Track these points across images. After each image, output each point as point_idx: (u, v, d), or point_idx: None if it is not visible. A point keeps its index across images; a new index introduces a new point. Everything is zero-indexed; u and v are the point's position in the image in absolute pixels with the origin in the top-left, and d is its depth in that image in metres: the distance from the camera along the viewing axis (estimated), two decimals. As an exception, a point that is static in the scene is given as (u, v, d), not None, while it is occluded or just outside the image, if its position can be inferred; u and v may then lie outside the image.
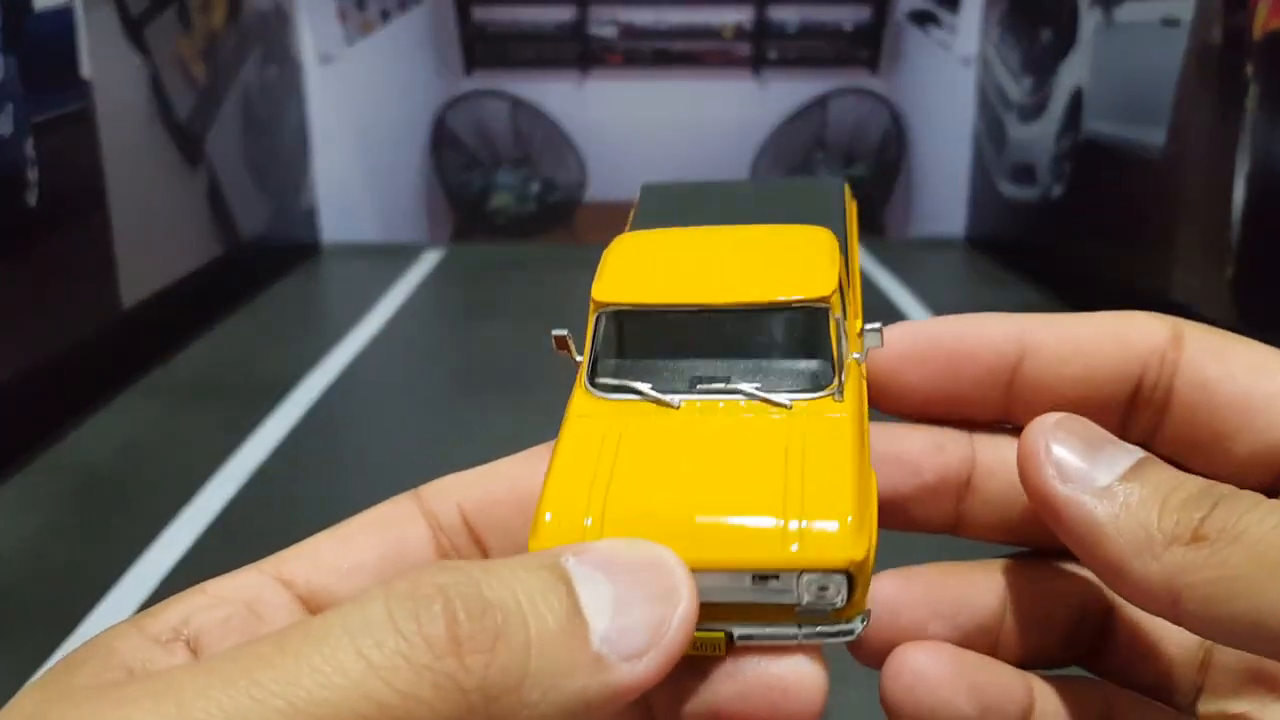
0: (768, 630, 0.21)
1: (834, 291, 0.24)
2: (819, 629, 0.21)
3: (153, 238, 2.48)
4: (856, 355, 0.25)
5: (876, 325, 0.25)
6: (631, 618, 0.18)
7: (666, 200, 0.31)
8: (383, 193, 3.71)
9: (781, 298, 0.24)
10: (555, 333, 0.25)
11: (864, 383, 0.25)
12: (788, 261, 0.25)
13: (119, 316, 2.29)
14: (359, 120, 3.61)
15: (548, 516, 0.21)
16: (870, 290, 2.92)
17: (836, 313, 0.25)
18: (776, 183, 0.32)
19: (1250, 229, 2.04)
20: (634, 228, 0.29)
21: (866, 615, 0.21)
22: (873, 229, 3.60)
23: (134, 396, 2.23)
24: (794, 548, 0.20)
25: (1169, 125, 2.39)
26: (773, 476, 0.21)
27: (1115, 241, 2.68)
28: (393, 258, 3.51)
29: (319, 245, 3.66)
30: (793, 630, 0.21)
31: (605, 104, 3.63)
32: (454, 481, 0.26)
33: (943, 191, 3.75)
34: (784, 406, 0.24)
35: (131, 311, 2.34)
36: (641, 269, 0.25)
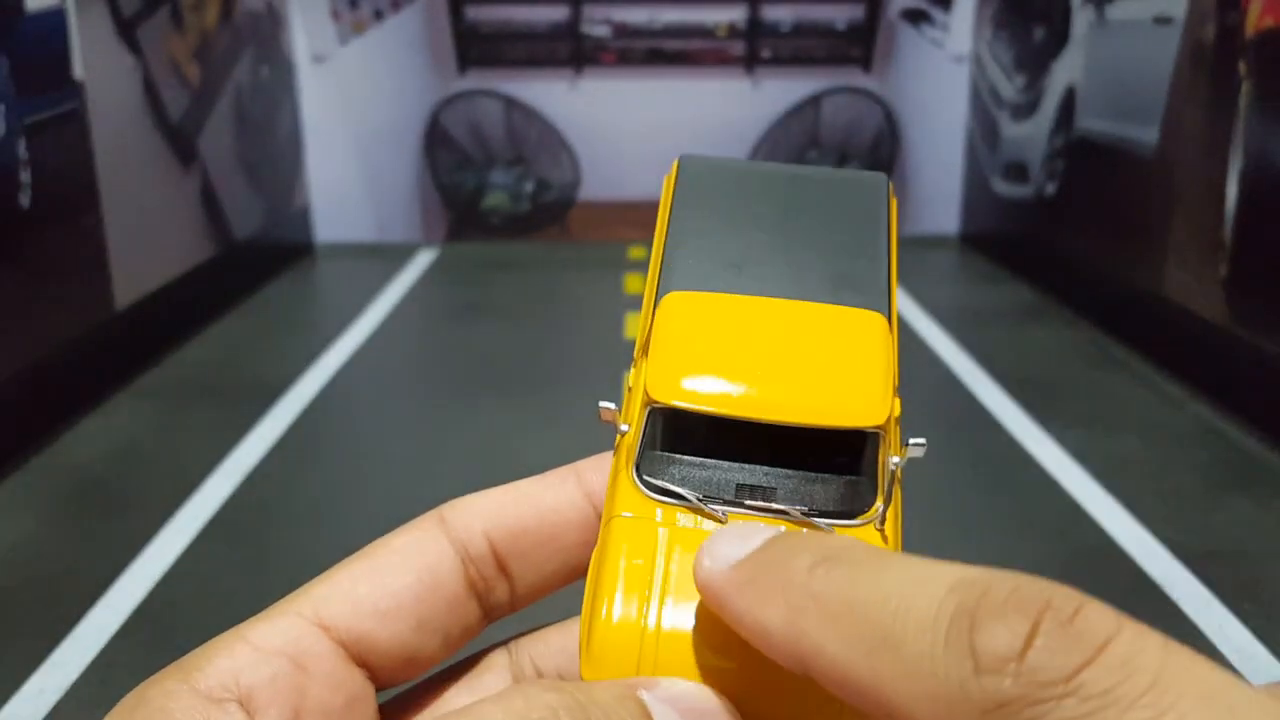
0: None
1: (888, 419, 0.24)
2: None
3: (146, 238, 2.48)
4: (896, 461, 0.24)
5: (921, 441, 0.24)
6: None
7: (708, 183, 0.30)
8: (376, 192, 3.73)
9: (837, 423, 0.24)
10: (603, 406, 0.25)
11: (900, 495, 0.25)
12: (845, 372, 0.25)
13: (112, 317, 2.29)
14: (352, 120, 3.63)
15: (608, 624, 0.22)
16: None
17: (890, 437, 0.24)
18: (819, 174, 0.31)
19: (1243, 227, 2.05)
20: (675, 211, 0.29)
21: None
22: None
23: (127, 398, 2.22)
24: None
25: (1161, 123, 2.40)
26: None
27: (1108, 239, 2.68)
28: (386, 257, 3.52)
29: (313, 245, 3.67)
30: None
31: (599, 103, 3.64)
32: (479, 505, 0.25)
33: (936, 189, 3.77)
34: (826, 532, 0.23)
35: (125, 312, 2.34)
36: (695, 359, 0.25)
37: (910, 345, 2.61)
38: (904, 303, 2.93)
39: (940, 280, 3.30)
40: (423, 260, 3.52)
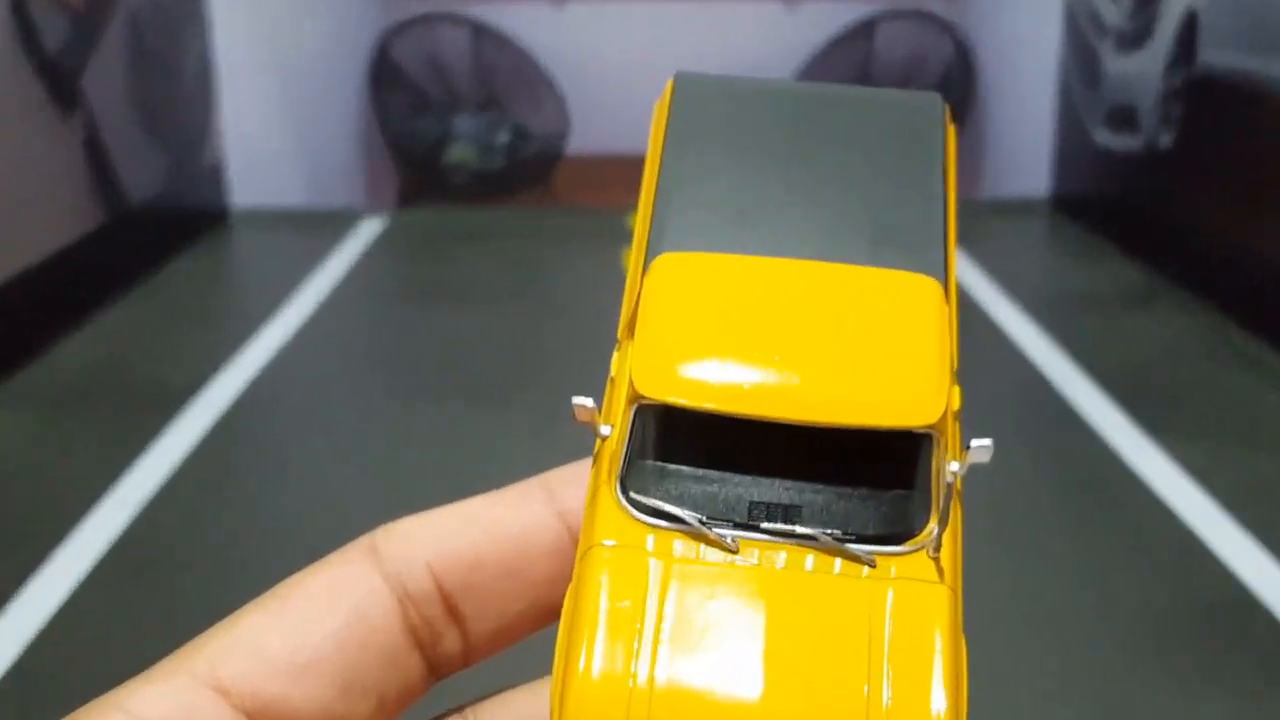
0: None
1: (944, 415, 0.24)
2: None
3: (14, 203, 2.48)
4: (955, 469, 0.24)
5: (986, 443, 0.24)
6: None
7: (711, 110, 0.30)
8: (308, 145, 3.71)
9: (878, 423, 0.24)
10: (577, 403, 0.25)
11: (960, 512, 0.25)
12: (888, 355, 0.25)
13: (-31, 305, 2.31)
14: (278, 53, 3.61)
15: (586, 681, 0.22)
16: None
17: (946, 438, 0.25)
18: (853, 94, 0.31)
19: None
20: (668, 147, 0.29)
21: None
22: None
23: (-6, 406, 2.25)
24: None
25: (1307, 56, 2.42)
26: (852, 669, 0.22)
27: (1238, 203, 2.70)
28: (322, 227, 3.51)
29: (227, 211, 3.67)
30: None
31: (592, 31, 3.63)
32: (419, 530, 0.26)
33: (1020, 141, 3.75)
34: (868, 563, 0.24)
35: (-13, 298, 2.36)
36: (694, 341, 0.25)
37: (983, 335, 2.61)
38: (979, 283, 2.92)
39: (1025, 255, 3.30)
40: (368, 231, 3.52)
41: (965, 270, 2.96)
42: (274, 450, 2.10)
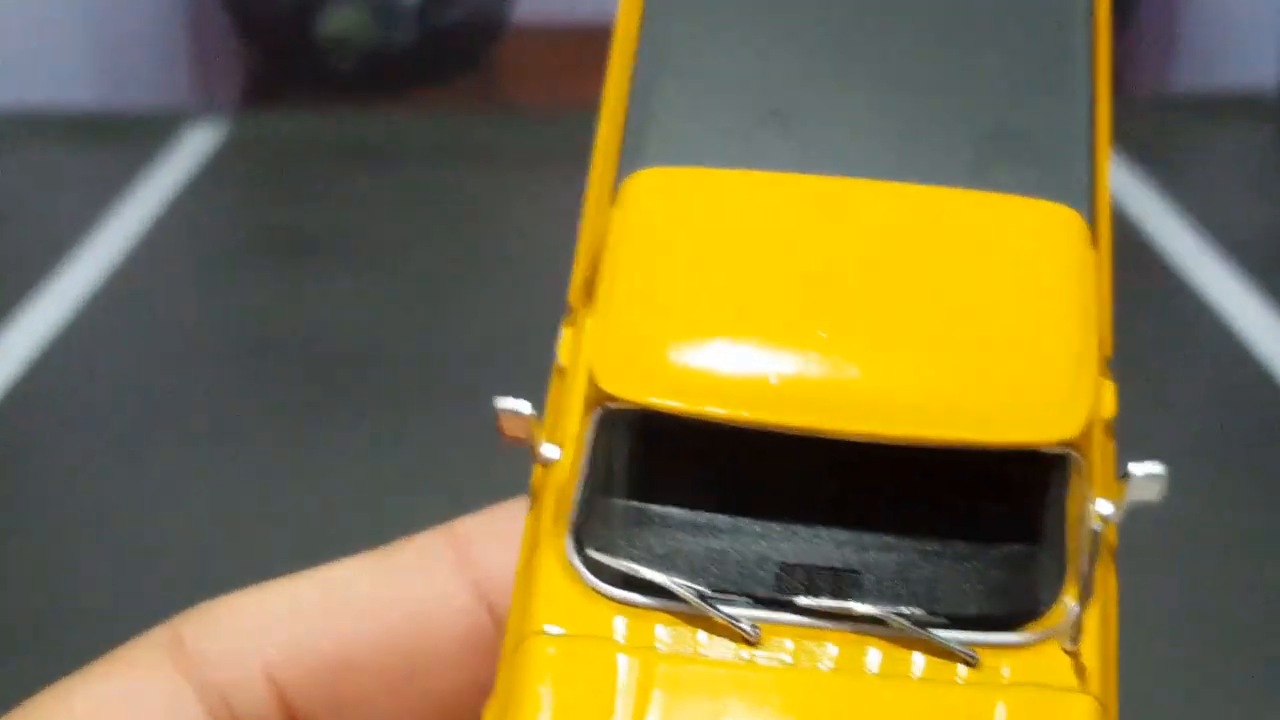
0: None
1: (1088, 425, 0.23)
2: None
3: None
4: (1105, 510, 0.23)
5: (1157, 470, 0.23)
6: None
7: None
8: (100, 10, 3.41)
9: (985, 437, 0.23)
10: (504, 408, 0.24)
11: (1114, 579, 0.25)
12: (999, 326, 0.24)
13: None
14: None
15: None
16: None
17: (1092, 461, 0.24)
18: None
19: None
20: (649, 9, 0.28)
21: None
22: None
23: None
24: None
25: None
26: None
27: None
28: (121, 139, 3.26)
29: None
30: None
31: None
32: (252, 615, 0.26)
33: (1235, 7, 3.49)
34: (966, 660, 0.23)
35: None
36: (691, 310, 0.24)
37: (1169, 301, 2.49)
38: (1164, 221, 2.72)
39: (1245, 182, 3.11)
40: (195, 145, 3.21)
41: (1137, 200, 2.79)
42: (46, 484, 1.95)
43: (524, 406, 0.24)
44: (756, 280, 0.24)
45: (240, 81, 3.50)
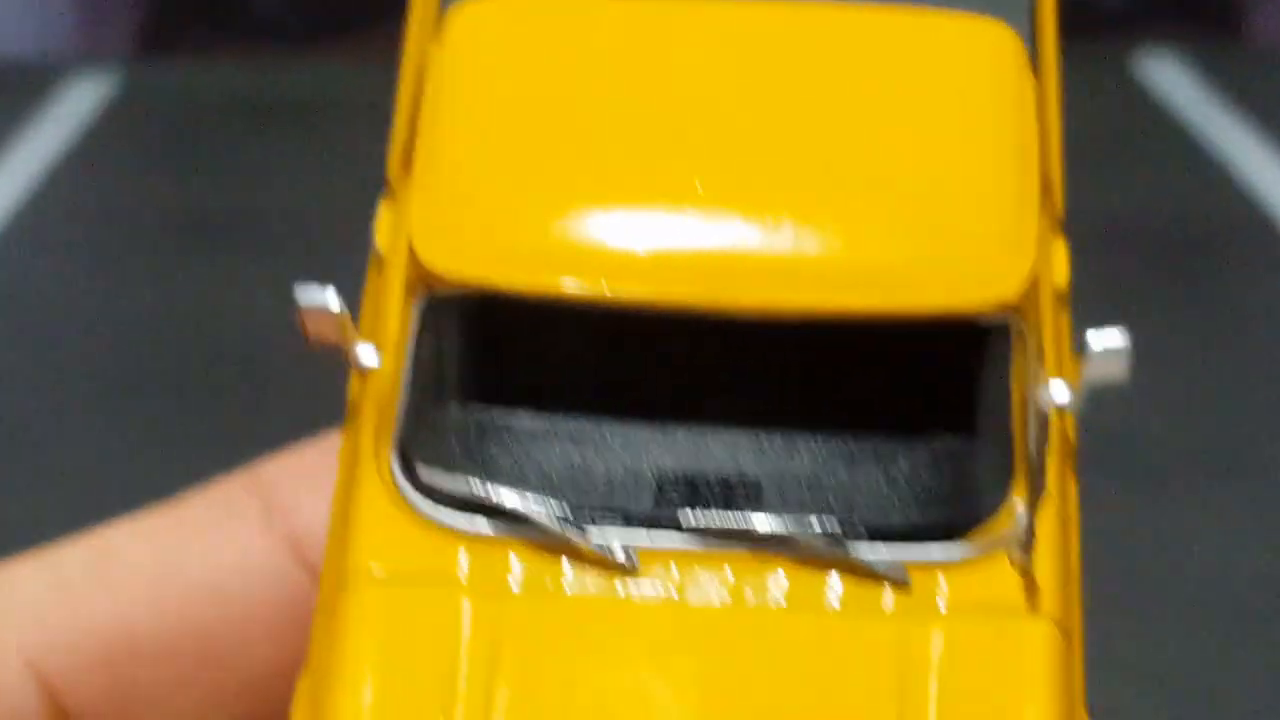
0: None
1: (1030, 286, 0.22)
2: None
3: None
4: (1058, 392, 0.22)
5: (1117, 343, 0.21)
6: None
7: None
8: None
9: (906, 304, 0.21)
10: (306, 301, 0.22)
11: (1074, 477, 0.23)
12: (918, 170, 0.22)
13: None
14: None
15: None
16: (1217, 182, 2.83)
17: (1036, 331, 0.22)
18: None
19: None
20: None
21: None
22: (1222, 27, 3.46)
23: None
24: None
25: None
26: None
27: None
28: None
29: None
30: None
31: None
32: (12, 591, 0.25)
33: None
34: (894, 583, 0.21)
35: None
36: (538, 167, 0.23)
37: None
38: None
39: None
40: (80, 101, 3.11)
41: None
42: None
43: (332, 300, 0.22)
44: (614, 124, 0.21)
45: (134, 23, 3.38)
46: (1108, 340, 0.21)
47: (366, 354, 0.22)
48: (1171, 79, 3.25)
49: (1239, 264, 2.75)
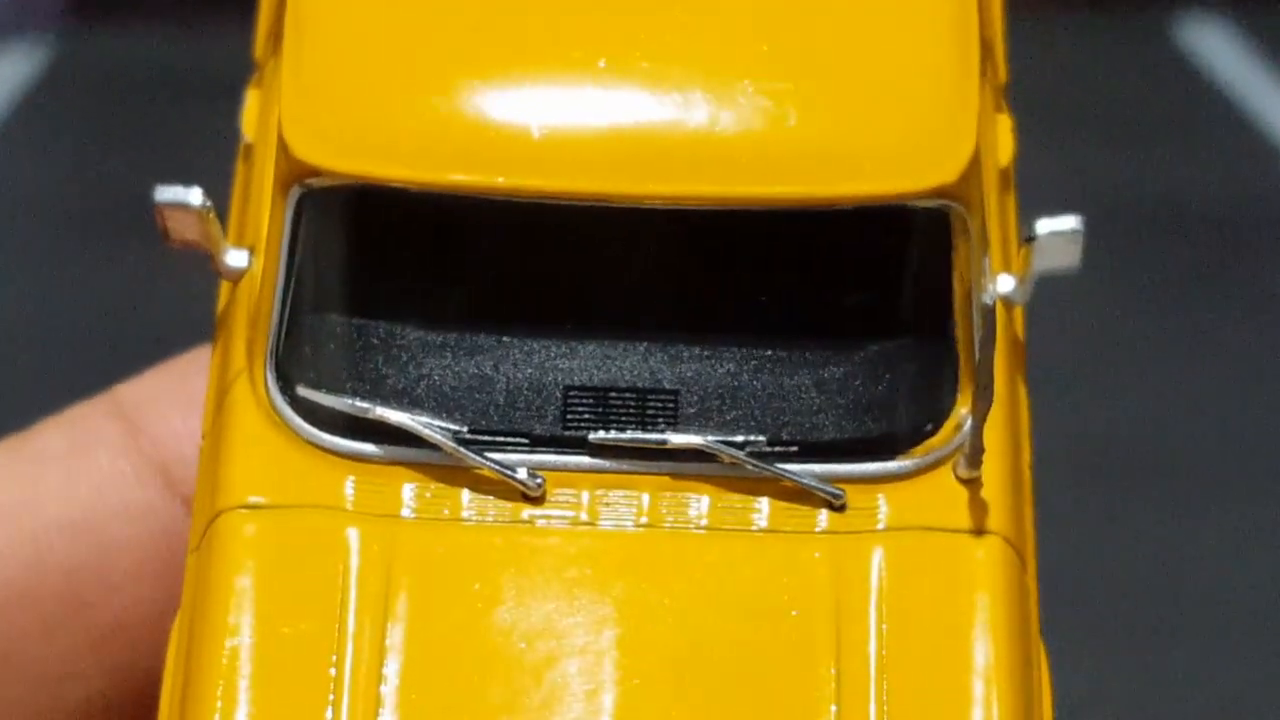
0: None
1: (971, 163, 0.21)
2: None
3: None
4: (1004, 284, 0.22)
5: (1069, 225, 0.21)
6: None
7: None
8: None
9: (832, 189, 0.20)
10: (165, 199, 0.23)
11: (1023, 380, 0.22)
12: (834, 31, 0.21)
13: None
14: None
15: None
16: (1266, 156, 2.81)
17: (978, 213, 0.21)
18: None
19: None
20: None
21: None
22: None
23: None
24: None
25: None
26: None
27: None
28: None
29: None
30: None
31: None
32: None
33: None
34: (828, 502, 0.21)
35: None
36: (406, 36, 0.21)
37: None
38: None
39: None
40: (7, 73, 3.01)
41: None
42: None
43: (194, 196, 0.21)
44: None
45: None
46: (1058, 224, 0.21)
47: (234, 256, 0.22)
48: (1216, 46, 3.15)
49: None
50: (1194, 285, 2.40)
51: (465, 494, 0.20)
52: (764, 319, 0.21)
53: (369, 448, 0.21)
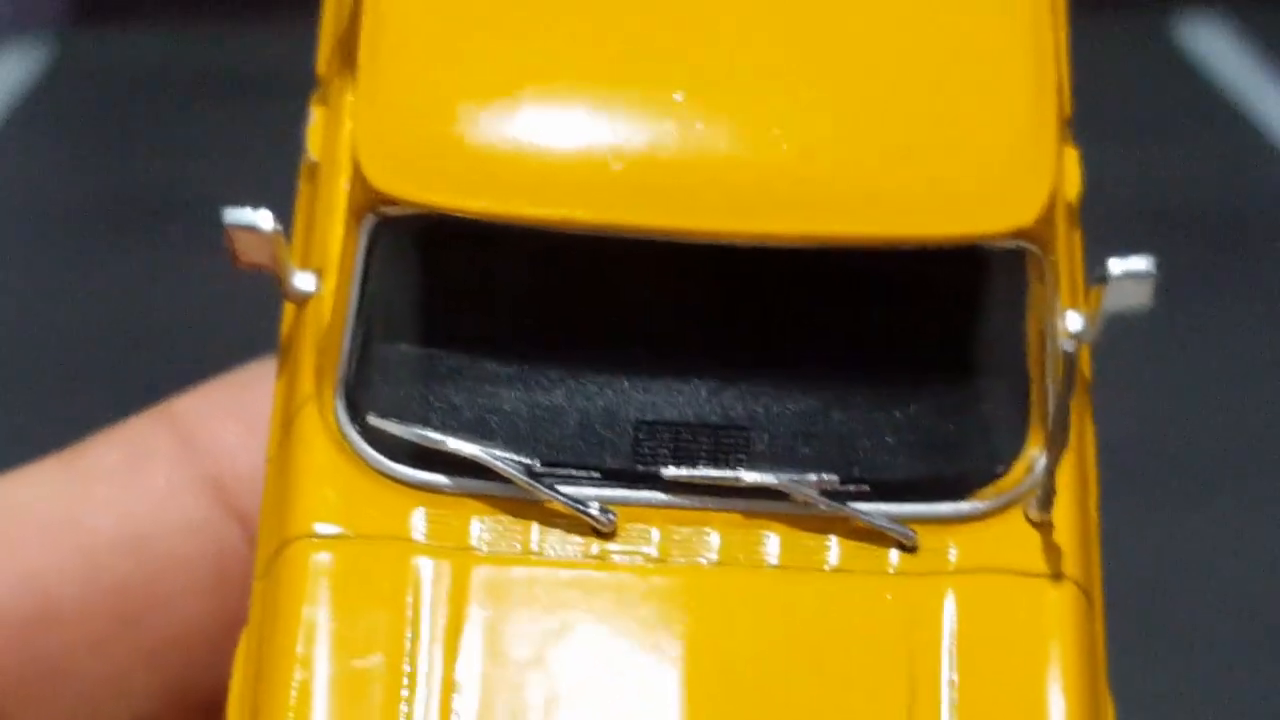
0: None
1: (1048, 205, 0.21)
2: None
3: None
4: (1074, 324, 0.21)
5: (1143, 267, 0.21)
6: None
7: None
8: None
9: (905, 230, 0.20)
10: (235, 221, 0.22)
11: (1091, 421, 0.22)
12: (915, 73, 0.21)
13: None
14: None
15: None
16: (1265, 153, 2.90)
17: (1056, 254, 0.21)
18: None
19: None
20: None
21: None
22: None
23: None
24: None
25: None
26: None
27: None
28: None
29: None
30: None
31: None
32: None
33: None
34: (899, 543, 0.21)
35: None
36: (486, 65, 0.21)
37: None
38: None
39: None
40: (9, 74, 3.03)
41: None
42: None
43: (264, 220, 0.21)
44: (584, 21, 0.20)
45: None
46: (1131, 265, 0.20)
47: (302, 279, 0.21)
48: (1215, 44, 3.16)
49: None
50: (1194, 285, 2.40)
51: (535, 528, 0.20)
52: (835, 356, 0.20)
53: (439, 479, 0.21)
